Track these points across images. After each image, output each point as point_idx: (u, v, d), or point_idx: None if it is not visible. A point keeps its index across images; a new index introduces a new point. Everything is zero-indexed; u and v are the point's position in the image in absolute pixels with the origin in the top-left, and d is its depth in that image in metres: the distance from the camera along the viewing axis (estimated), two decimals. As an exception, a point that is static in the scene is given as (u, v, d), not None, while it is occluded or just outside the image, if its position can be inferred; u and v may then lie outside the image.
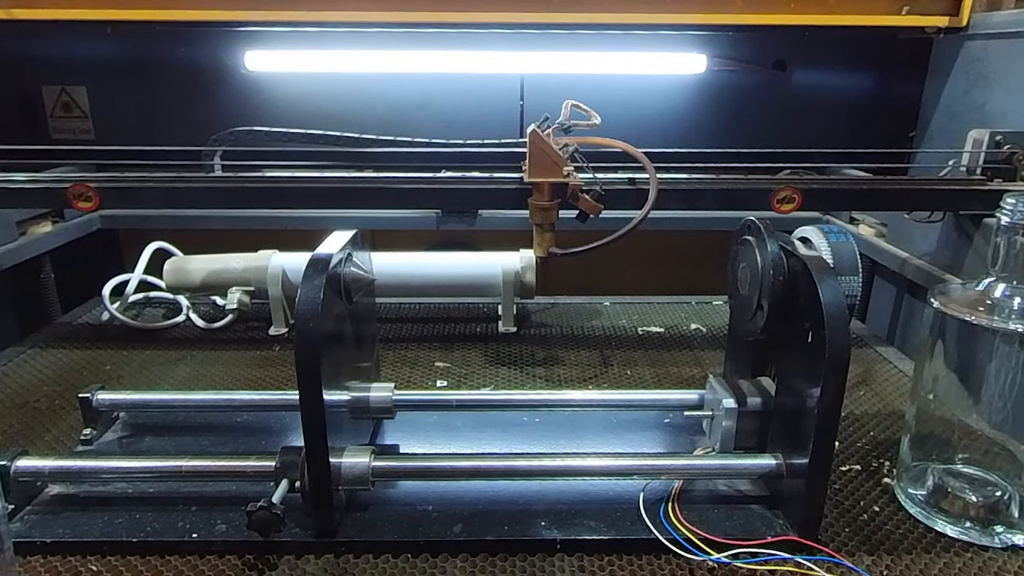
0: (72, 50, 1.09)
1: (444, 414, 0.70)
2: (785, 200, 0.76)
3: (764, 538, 0.53)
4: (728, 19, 0.92)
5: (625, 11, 0.92)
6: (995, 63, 0.88)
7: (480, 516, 0.55)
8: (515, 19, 0.92)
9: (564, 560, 0.52)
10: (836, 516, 0.57)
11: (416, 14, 0.91)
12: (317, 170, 0.88)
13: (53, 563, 0.51)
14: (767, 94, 1.12)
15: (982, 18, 0.91)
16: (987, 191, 0.77)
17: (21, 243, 0.93)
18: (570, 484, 0.59)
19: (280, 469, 0.54)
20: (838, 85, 1.13)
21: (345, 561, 0.52)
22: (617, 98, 1.10)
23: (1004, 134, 0.78)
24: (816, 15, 0.92)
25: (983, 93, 0.89)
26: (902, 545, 0.54)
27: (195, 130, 0.94)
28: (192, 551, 0.52)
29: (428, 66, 1.07)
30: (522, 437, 0.67)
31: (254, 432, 0.68)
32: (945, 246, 0.83)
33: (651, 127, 1.10)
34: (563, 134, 0.73)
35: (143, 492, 0.58)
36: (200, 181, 0.79)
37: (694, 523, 0.54)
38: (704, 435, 0.66)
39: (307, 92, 1.11)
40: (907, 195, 0.80)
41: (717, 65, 1.08)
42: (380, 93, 1.11)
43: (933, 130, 0.99)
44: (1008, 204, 0.53)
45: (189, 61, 1.08)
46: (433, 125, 1.10)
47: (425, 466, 0.58)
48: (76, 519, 0.54)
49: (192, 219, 1.03)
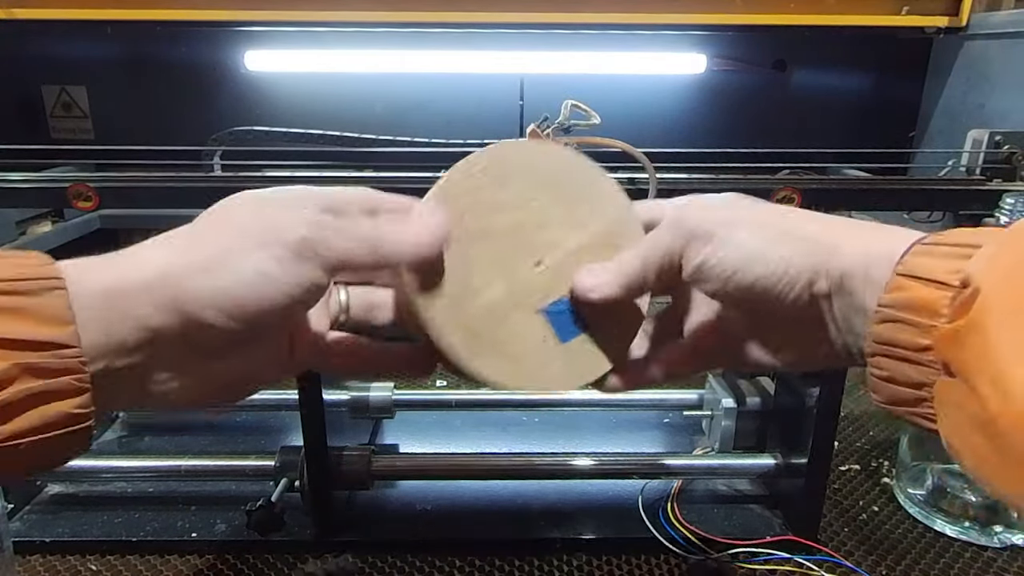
0: (72, 50, 1.09)
1: (444, 414, 0.70)
2: (784, 200, 0.76)
3: (763, 538, 0.53)
4: (728, 19, 0.92)
5: (625, 11, 0.92)
6: (995, 63, 0.88)
7: (480, 516, 0.55)
8: (515, 19, 0.92)
9: (563, 559, 0.52)
10: (835, 516, 0.57)
11: (416, 14, 0.91)
12: (317, 170, 0.88)
13: (52, 562, 0.51)
14: (767, 94, 1.12)
15: (982, 18, 0.91)
16: (986, 191, 0.76)
17: (21, 243, 0.93)
18: (569, 484, 0.59)
19: (279, 468, 0.54)
20: (838, 85, 1.13)
21: (344, 560, 0.52)
22: (617, 98, 1.10)
23: (1004, 134, 0.78)
24: (816, 15, 0.92)
25: (983, 93, 0.89)
26: (901, 545, 0.54)
27: (195, 130, 0.94)
28: (192, 550, 0.52)
29: (428, 66, 1.06)
30: (522, 437, 0.67)
31: (254, 432, 0.68)
32: (945, 246, 0.83)
33: (651, 127, 1.10)
34: (563, 134, 0.73)
35: (142, 491, 0.58)
36: (200, 181, 0.79)
37: (693, 523, 0.54)
38: (703, 435, 0.66)
39: (307, 92, 1.11)
40: (906, 195, 0.80)
41: (717, 65, 1.08)
42: (380, 93, 1.11)
43: (933, 130, 0.99)
44: (1007, 204, 0.53)
45: (189, 61, 1.08)
46: (433, 125, 1.10)
47: (425, 466, 0.58)
48: (75, 518, 0.54)
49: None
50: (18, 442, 0.23)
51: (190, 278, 0.26)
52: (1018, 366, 0.21)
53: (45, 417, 0.24)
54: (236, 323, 0.27)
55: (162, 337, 0.26)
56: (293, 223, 0.28)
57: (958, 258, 0.25)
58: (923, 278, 0.25)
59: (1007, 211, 0.53)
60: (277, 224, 0.28)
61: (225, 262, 0.27)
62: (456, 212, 0.31)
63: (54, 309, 0.24)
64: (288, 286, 0.27)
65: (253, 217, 0.28)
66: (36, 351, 0.23)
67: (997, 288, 0.22)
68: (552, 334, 0.33)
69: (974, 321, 0.22)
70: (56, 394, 0.24)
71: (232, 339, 0.28)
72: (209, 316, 0.26)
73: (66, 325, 0.24)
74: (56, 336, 0.24)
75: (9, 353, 0.23)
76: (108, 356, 0.25)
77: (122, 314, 0.25)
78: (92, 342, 0.25)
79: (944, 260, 0.25)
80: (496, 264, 0.32)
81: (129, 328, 0.26)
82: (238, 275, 0.26)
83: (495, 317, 0.32)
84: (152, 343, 0.26)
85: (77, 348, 0.24)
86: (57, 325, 0.24)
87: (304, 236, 0.27)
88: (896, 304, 0.26)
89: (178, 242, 0.28)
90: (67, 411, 0.24)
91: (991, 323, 0.22)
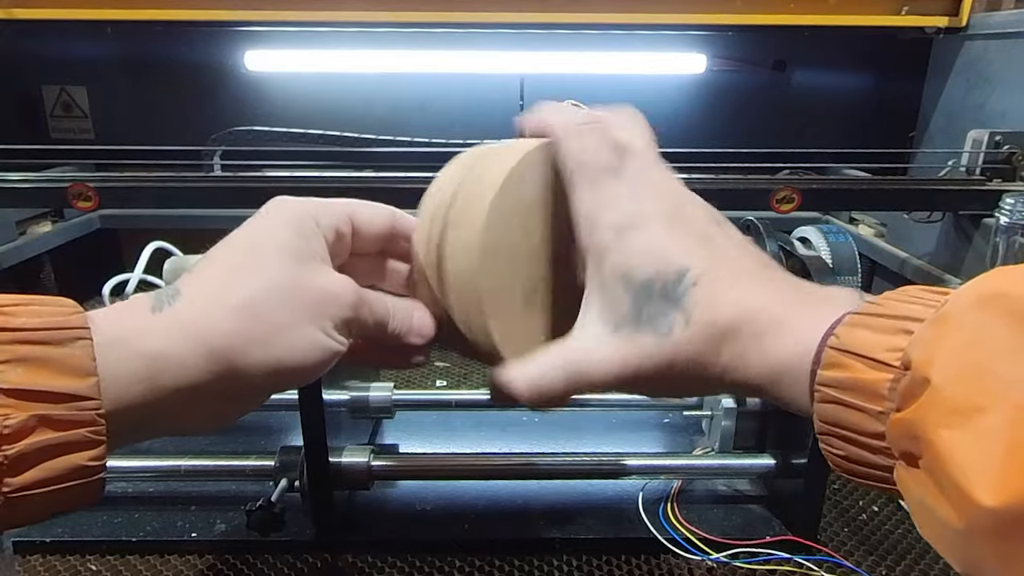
0: (72, 50, 1.09)
1: (443, 414, 0.70)
2: (784, 200, 0.76)
3: (763, 538, 0.53)
4: (728, 19, 0.92)
5: (625, 11, 0.92)
6: (995, 63, 0.88)
7: (479, 516, 0.55)
8: (515, 19, 0.92)
9: (563, 559, 0.52)
10: (835, 516, 0.57)
11: (416, 14, 0.91)
12: (317, 170, 0.88)
13: (52, 562, 0.51)
14: (767, 94, 1.12)
15: (982, 18, 0.91)
16: (986, 191, 0.77)
17: (21, 243, 0.93)
18: (569, 484, 0.59)
19: (279, 468, 0.54)
20: (838, 85, 1.13)
21: (344, 561, 0.52)
22: (617, 98, 1.09)
23: (1004, 134, 0.78)
24: (816, 15, 0.92)
25: (983, 93, 0.89)
26: (901, 545, 0.54)
27: (195, 130, 0.94)
28: (191, 550, 0.52)
29: (428, 66, 1.06)
30: (522, 437, 0.67)
31: (253, 431, 0.68)
32: (944, 246, 0.83)
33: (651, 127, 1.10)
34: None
35: (143, 491, 0.58)
36: (200, 181, 0.79)
37: (693, 523, 0.54)
38: (703, 435, 0.66)
39: (307, 92, 1.11)
40: (906, 195, 0.80)
41: (717, 65, 1.08)
42: (380, 93, 1.11)
43: (933, 130, 0.99)
44: (1007, 204, 0.53)
45: (189, 61, 1.08)
46: (433, 125, 1.10)
47: (424, 466, 0.58)
48: (75, 518, 0.54)
49: (192, 219, 1.03)
50: (29, 493, 0.23)
51: (247, 350, 0.28)
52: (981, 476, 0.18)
53: (57, 469, 0.24)
54: (280, 382, 0.30)
55: (205, 394, 0.27)
56: (340, 297, 0.30)
57: (894, 333, 0.23)
58: (861, 355, 0.23)
59: (1007, 211, 0.53)
60: (326, 297, 0.30)
61: (280, 335, 0.28)
62: None
63: (78, 360, 0.24)
64: (332, 353, 0.30)
65: (301, 281, 0.29)
66: (55, 403, 0.23)
67: (949, 384, 0.20)
68: None
69: (928, 420, 0.20)
70: (70, 446, 0.24)
71: (269, 391, 0.30)
72: (260, 382, 0.29)
73: (88, 377, 0.24)
74: (77, 388, 0.24)
75: (29, 404, 0.23)
76: (142, 408, 0.26)
77: (171, 377, 0.26)
78: (128, 399, 0.25)
79: (882, 336, 0.23)
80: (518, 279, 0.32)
81: (173, 388, 0.26)
82: (292, 348, 0.29)
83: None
84: (193, 399, 0.27)
85: (97, 400, 0.24)
86: (79, 377, 0.24)
87: (349, 317, 0.30)
88: (837, 384, 0.24)
89: (227, 299, 0.28)
90: (80, 464, 0.24)
91: (946, 428, 0.19)
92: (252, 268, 0.29)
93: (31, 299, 0.25)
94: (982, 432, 0.19)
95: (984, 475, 0.18)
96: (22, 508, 0.23)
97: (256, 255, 0.29)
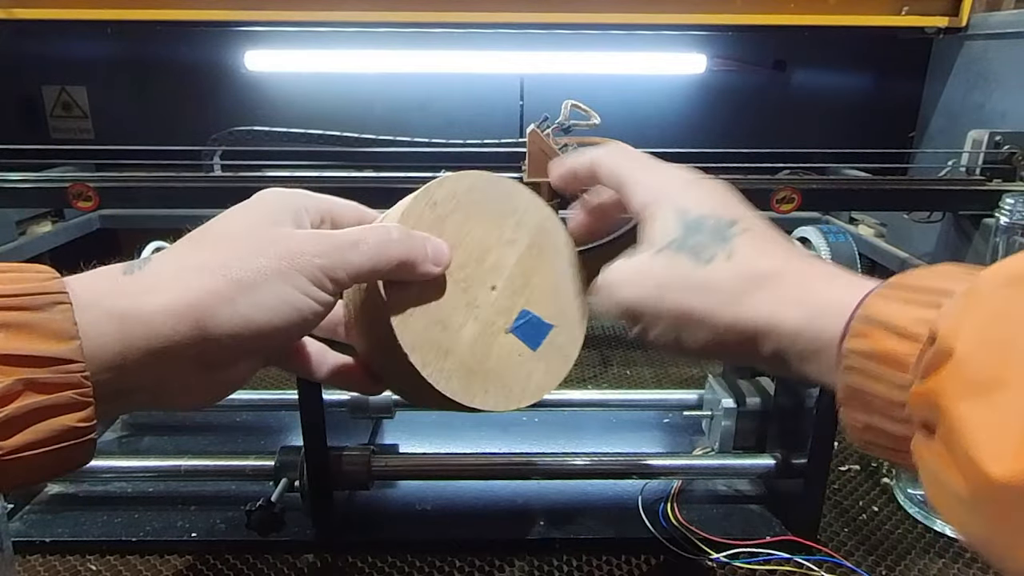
0: (72, 50, 1.09)
1: (444, 414, 0.70)
2: (784, 200, 0.76)
3: (763, 538, 0.53)
4: (728, 19, 0.92)
5: (625, 11, 0.92)
6: (995, 63, 0.88)
7: (479, 516, 0.55)
8: (515, 19, 0.92)
9: (563, 559, 0.52)
10: (835, 516, 0.57)
11: (416, 14, 0.91)
12: (317, 170, 0.88)
13: (52, 562, 0.51)
14: (767, 94, 1.12)
15: (982, 18, 0.91)
16: (986, 191, 0.77)
17: (21, 243, 0.93)
18: (569, 484, 0.59)
19: (279, 468, 0.54)
20: (838, 85, 1.13)
21: (344, 561, 0.52)
22: (617, 98, 1.10)
23: (1004, 134, 0.78)
24: (816, 15, 0.92)
25: (983, 93, 0.89)
26: (901, 545, 0.54)
27: (195, 130, 0.94)
28: (191, 550, 0.52)
29: (428, 66, 1.06)
30: (522, 437, 0.67)
31: (253, 431, 0.68)
32: (944, 246, 0.83)
33: (651, 127, 1.10)
34: (563, 134, 0.73)
35: (142, 491, 0.58)
36: (200, 181, 0.79)
37: (693, 523, 0.54)
38: (703, 435, 0.66)
39: (307, 92, 1.11)
40: (906, 195, 0.80)
41: (717, 65, 1.08)
42: (380, 93, 1.11)
43: (933, 130, 0.99)
44: (1007, 204, 0.53)
45: (189, 61, 1.08)
46: (433, 125, 1.10)
47: (424, 466, 0.58)
48: (75, 518, 0.54)
49: (192, 219, 1.02)
50: (21, 455, 0.24)
51: (214, 308, 0.27)
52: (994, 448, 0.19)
53: (47, 431, 0.24)
54: (253, 345, 0.29)
55: (177, 356, 0.27)
56: (309, 249, 0.29)
57: (923, 306, 0.24)
58: (890, 326, 0.24)
59: (1007, 211, 0.53)
60: (292, 250, 0.29)
61: (248, 292, 0.28)
62: None
63: (59, 324, 0.24)
64: (307, 311, 0.29)
65: (269, 240, 0.29)
66: (40, 367, 0.24)
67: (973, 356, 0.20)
68: (524, 347, 0.36)
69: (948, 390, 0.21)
70: (58, 408, 0.24)
71: (244, 355, 0.30)
72: (230, 342, 0.28)
73: (70, 340, 0.24)
74: (60, 351, 0.24)
75: (13, 369, 0.23)
76: (119, 371, 0.26)
77: (141, 337, 0.26)
78: (104, 361, 0.25)
79: (912, 308, 0.24)
80: (463, 302, 0.34)
81: (145, 349, 0.26)
82: (261, 305, 0.28)
83: (479, 351, 0.34)
84: (166, 362, 0.27)
85: (81, 363, 0.24)
86: (61, 340, 0.24)
87: (321, 265, 0.29)
88: (863, 353, 0.25)
89: (195, 260, 0.28)
90: (69, 425, 0.24)
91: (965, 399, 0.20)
92: (221, 233, 0.30)
93: (7, 266, 0.25)
94: (1001, 405, 0.19)
95: (998, 447, 0.19)
96: (14, 470, 0.24)
97: (227, 223, 0.30)
